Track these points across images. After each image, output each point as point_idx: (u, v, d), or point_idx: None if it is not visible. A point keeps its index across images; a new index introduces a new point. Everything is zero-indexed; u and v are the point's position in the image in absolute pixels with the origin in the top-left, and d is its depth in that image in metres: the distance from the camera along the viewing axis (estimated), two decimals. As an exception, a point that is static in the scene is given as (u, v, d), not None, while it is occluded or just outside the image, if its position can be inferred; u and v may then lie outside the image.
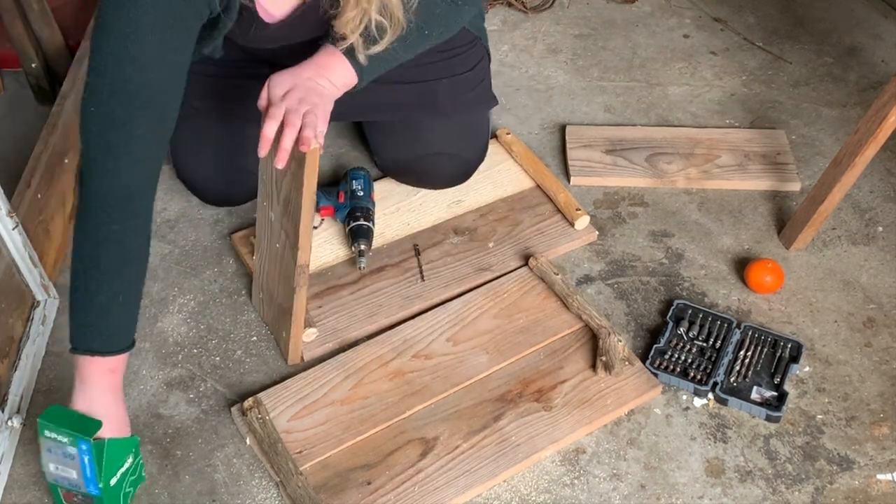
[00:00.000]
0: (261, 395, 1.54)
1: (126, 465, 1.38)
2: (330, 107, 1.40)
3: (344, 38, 1.41)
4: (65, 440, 1.33)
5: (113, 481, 1.36)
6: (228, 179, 1.78)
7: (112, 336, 1.36)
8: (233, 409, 1.53)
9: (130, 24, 1.26)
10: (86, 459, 1.32)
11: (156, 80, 1.29)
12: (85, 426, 1.34)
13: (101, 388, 1.36)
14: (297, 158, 1.31)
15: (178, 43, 1.32)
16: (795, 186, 1.95)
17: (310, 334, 1.62)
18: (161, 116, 1.32)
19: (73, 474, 1.34)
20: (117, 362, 1.37)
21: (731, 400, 1.56)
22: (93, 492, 1.34)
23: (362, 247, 1.71)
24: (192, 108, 1.66)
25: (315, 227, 1.78)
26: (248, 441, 1.49)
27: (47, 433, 1.34)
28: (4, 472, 1.46)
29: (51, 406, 1.37)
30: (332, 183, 1.88)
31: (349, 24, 1.39)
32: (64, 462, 1.34)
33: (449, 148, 1.82)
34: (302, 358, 1.62)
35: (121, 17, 1.26)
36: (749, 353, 1.62)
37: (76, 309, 1.36)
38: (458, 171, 1.87)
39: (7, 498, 1.44)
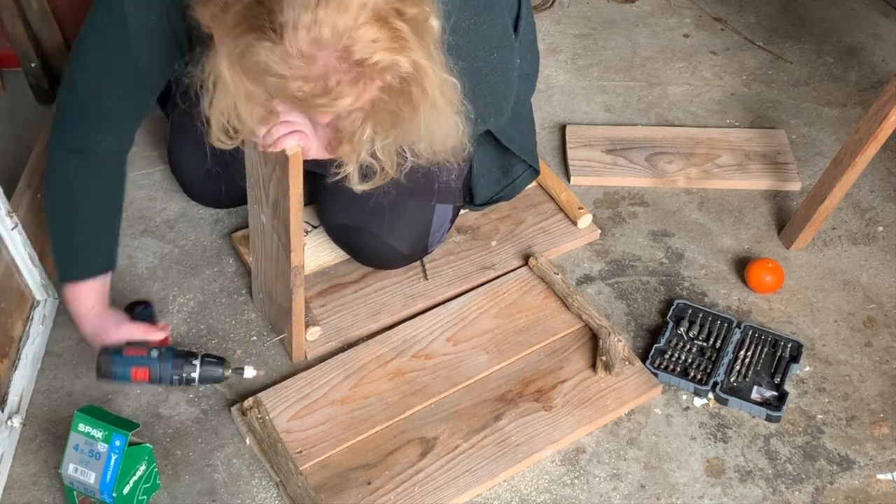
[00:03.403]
0: (261, 395, 1.54)
1: (139, 474, 1.39)
2: (314, 152, 1.41)
3: (341, 164, 1.37)
4: (99, 435, 1.34)
5: (126, 489, 1.36)
6: (217, 182, 1.76)
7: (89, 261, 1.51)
8: (233, 409, 1.53)
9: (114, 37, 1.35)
10: (113, 458, 1.33)
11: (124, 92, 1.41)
12: (122, 425, 1.35)
13: (93, 305, 1.50)
14: (281, 163, 1.32)
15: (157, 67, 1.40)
16: (795, 186, 1.95)
17: (313, 333, 1.62)
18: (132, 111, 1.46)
19: (91, 478, 1.34)
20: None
21: (732, 400, 1.56)
22: (106, 499, 1.35)
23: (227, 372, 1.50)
24: (180, 109, 1.69)
25: (308, 231, 1.78)
26: (248, 441, 1.49)
27: (81, 427, 1.34)
28: (4, 472, 1.46)
29: (88, 405, 1.40)
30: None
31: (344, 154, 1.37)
32: (86, 463, 1.34)
33: (374, 227, 1.64)
34: (306, 356, 1.62)
35: (106, 26, 1.36)
36: (749, 353, 1.62)
37: (55, 244, 1.51)
38: (380, 256, 1.69)
39: (7, 498, 1.44)
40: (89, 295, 1.51)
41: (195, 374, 1.46)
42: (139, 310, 1.56)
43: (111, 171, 1.50)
